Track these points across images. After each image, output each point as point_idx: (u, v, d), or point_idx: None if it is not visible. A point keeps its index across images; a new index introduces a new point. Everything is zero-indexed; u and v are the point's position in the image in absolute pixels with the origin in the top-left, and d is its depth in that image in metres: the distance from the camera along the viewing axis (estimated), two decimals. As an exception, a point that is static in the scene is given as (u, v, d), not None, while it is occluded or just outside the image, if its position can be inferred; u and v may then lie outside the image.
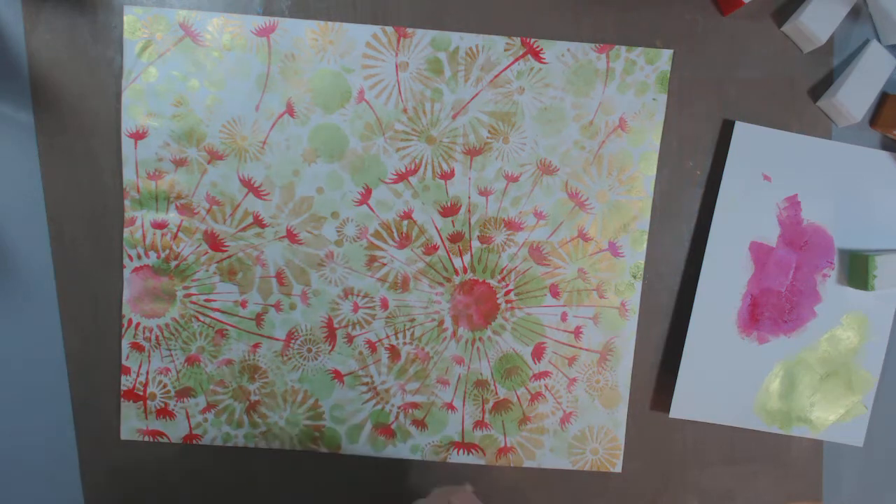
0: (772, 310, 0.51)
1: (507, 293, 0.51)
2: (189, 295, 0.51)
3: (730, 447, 0.53)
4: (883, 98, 0.50)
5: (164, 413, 0.52)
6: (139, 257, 0.50)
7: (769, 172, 0.50)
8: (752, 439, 0.53)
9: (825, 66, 0.51)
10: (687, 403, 0.52)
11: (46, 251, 0.50)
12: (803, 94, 0.51)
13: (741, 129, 0.50)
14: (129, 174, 0.49)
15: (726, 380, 0.52)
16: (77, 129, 0.49)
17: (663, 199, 0.51)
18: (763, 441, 0.53)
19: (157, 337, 0.51)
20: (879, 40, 0.50)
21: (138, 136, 0.49)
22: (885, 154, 0.51)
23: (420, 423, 0.52)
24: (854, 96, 0.49)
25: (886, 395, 0.53)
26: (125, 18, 0.48)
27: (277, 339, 0.51)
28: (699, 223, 0.51)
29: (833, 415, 0.52)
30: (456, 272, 0.51)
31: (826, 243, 0.51)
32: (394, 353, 0.52)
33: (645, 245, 0.51)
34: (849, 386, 0.52)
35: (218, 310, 0.51)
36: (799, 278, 0.51)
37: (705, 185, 0.51)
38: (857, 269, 0.50)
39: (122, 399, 0.52)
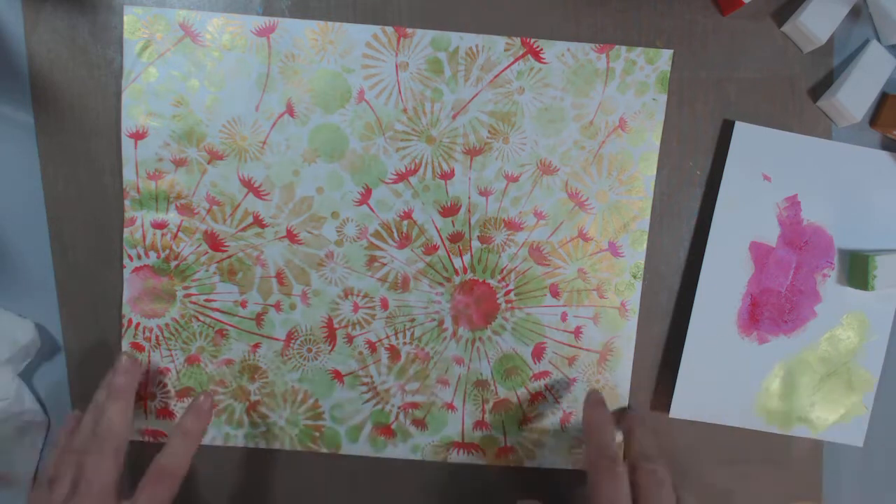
0: (772, 310, 0.51)
1: (507, 293, 0.51)
2: (189, 295, 0.51)
3: (730, 447, 0.53)
4: (883, 98, 0.50)
5: (164, 413, 0.52)
6: (139, 257, 0.50)
7: (769, 172, 0.50)
8: (752, 439, 0.53)
9: (825, 66, 0.51)
10: (687, 403, 0.52)
11: (46, 251, 0.50)
12: (803, 94, 0.51)
13: (741, 129, 0.50)
14: (129, 174, 0.49)
15: (726, 380, 0.52)
16: (77, 129, 0.49)
17: (663, 199, 0.51)
18: (763, 441, 0.53)
19: (157, 337, 0.51)
20: (879, 40, 0.50)
21: (138, 136, 0.49)
22: (885, 154, 0.51)
23: (420, 423, 0.52)
24: (854, 96, 0.49)
25: (886, 395, 0.53)
26: (125, 18, 0.48)
27: (277, 339, 0.51)
28: (699, 223, 0.51)
29: (833, 415, 0.52)
30: (456, 272, 0.51)
31: (826, 243, 0.51)
32: (394, 353, 0.52)
33: (645, 245, 0.51)
34: (849, 386, 0.52)
35: (218, 310, 0.51)
36: (799, 278, 0.51)
37: (705, 185, 0.51)
38: (857, 269, 0.50)
39: (122, 399, 0.52)
